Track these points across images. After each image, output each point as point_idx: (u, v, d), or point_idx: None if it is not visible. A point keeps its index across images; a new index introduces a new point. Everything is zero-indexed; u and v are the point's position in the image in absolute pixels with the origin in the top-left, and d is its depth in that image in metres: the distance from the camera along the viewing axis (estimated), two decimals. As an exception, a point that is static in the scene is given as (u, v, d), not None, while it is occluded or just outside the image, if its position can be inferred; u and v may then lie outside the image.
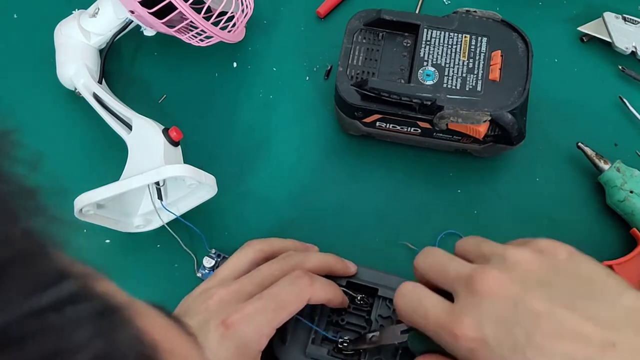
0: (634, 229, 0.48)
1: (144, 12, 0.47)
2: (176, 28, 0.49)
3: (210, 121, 0.55)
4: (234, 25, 0.52)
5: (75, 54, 0.52)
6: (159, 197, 0.48)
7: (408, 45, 0.50)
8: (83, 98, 0.52)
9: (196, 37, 0.51)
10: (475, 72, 0.47)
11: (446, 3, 0.59)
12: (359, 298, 0.45)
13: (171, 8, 0.46)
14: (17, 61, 0.58)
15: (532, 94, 0.48)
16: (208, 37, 0.51)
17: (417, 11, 0.59)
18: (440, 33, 0.49)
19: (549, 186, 0.52)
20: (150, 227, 0.50)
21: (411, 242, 0.50)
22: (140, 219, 0.49)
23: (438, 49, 0.48)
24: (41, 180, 0.52)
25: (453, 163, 0.53)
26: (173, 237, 0.49)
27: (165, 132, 0.47)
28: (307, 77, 0.57)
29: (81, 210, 0.44)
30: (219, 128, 0.55)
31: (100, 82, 0.53)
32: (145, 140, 0.47)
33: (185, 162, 0.48)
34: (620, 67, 0.55)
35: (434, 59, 0.48)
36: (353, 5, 0.59)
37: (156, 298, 0.44)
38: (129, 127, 0.49)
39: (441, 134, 0.49)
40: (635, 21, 0.56)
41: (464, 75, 0.47)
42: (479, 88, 0.47)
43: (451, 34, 0.49)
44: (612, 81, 0.55)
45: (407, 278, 0.45)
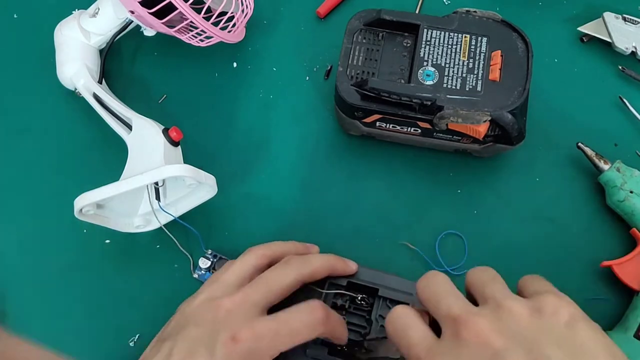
0: (634, 229, 0.48)
1: (144, 12, 0.47)
2: (176, 28, 0.49)
3: (210, 121, 0.55)
4: (234, 25, 0.52)
5: (75, 54, 0.52)
6: (157, 198, 0.48)
7: (408, 45, 0.50)
8: (83, 98, 0.52)
9: (196, 37, 0.51)
10: (475, 72, 0.47)
11: (446, 3, 0.59)
12: (360, 298, 0.45)
13: (171, 8, 0.46)
14: (17, 61, 0.58)
15: (532, 94, 0.48)
16: (208, 37, 0.51)
17: (417, 11, 0.59)
18: (440, 33, 0.49)
19: (549, 186, 0.52)
20: (150, 227, 0.50)
21: (411, 242, 0.50)
22: (140, 219, 0.49)
23: (438, 49, 0.48)
24: (41, 180, 0.52)
25: (453, 163, 0.53)
26: (177, 238, 0.49)
27: (165, 132, 0.47)
28: (307, 77, 0.57)
29: (81, 210, 0.44)
30: (219, 128, 0.55)
31: (100, 82, 0.53)
32: (145, 140, 0.47)
33: (185, 162, 0.48)
34: (620, 67, 0.55)
35: (434, 59, 0.48)
36: (353, 5, 0.59)
37: (156, 298, 0.44)
38: (129, 127, 0.49)
39: (441, 134, 0.49)
40: (635, 21, 0.56)
41: (464, 75, 0.47)
42: (479, 88, 0.47)
43: (451, 34, 0.49)
44: (612, 81, 0.56)
45: (408, 278, 0.45)
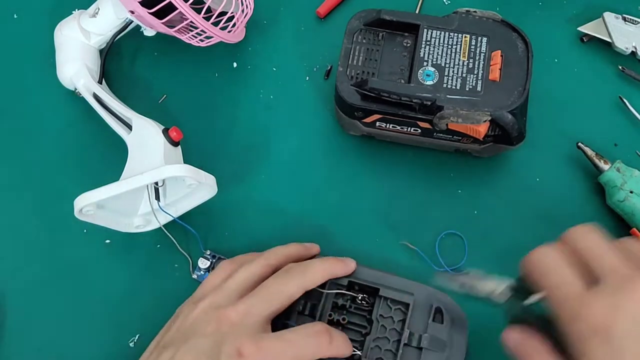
0: (634, 229, 0.48)
1: (144, 12, 0.47)
2: (176, 28, 0.49)
3: (210, 121, 0.55)
4: (234, 25, 0.52)
5: (75, 54, 0.52)
6: (157, 198, 0.48)
7: (408, 45, 0.50)
8: (83, 98, 0.52)
9: (196, 37, 0.51)
10: (475, 72, 0.47)
11: (446, 3, 0.59)
12: (360, 298, 0.45)
13: (171, 8, 0.46)
14: (17, 61, 0.58)
15: (532, 94, 0.48)
16: (208, 37, 0.51)
17: (417, 11, 0.59)
18: (440, 33, 0.49)
19: (549, 186, 0.52)
20: (150, 227, 0.50)
21: (411, 242, 0.50)
22: (140, 219, 0.49)
23: (438, 49, 0.48)
24: (41, 180, 0.52)
25: (453, 163, 0.53)
26: (176, 238, 0.49)
27: (165, 132, 0.47)
28: (307, 77, 0.57)
29: (81, 210, 0.44)
30: (219, 128, 0.55)
31: (100, 82, 0.53)
32: (145, 140, 0.47)
33: (185, 162, 0.48)
34: (620, 67, 0.55)
35: (434, 59, 0.48)
36: (353, 5, 0.59)
37: (156, 298, 0.44)
38: (129, 127, 0.49)
39: (441, 134, 0.49)
40: (635, 21, 0.56)
41: (464, 75, 0.47)
42: (479, 88, 0.47)
43: (451, 34, 0.49)
44: (612, 81, 0.55)
45: (408, 278, 0.45)
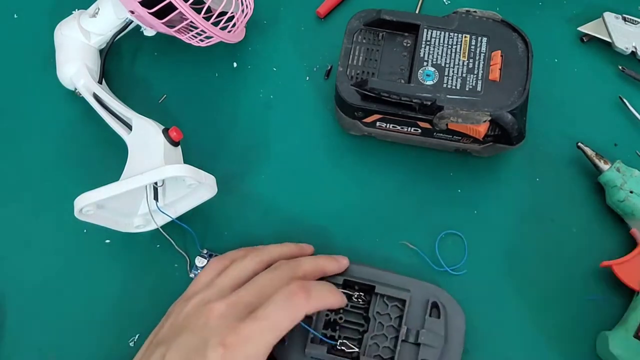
0: (634, 229, 0.48)
1: (144, 12, 0.47)
2: (176, 28, 0.49)
3: (210, 121, 0.55)
4: (234, 25, 0.52)
5: (75, 54, 0.52)
6: (155, 198, 0.48)
7: (408, 45, 0.50)
8: (83, 98, 0.52)
9: (196, 37, 0.51)
10: (475, 72, 0.47)
11: (446, 3, 0.59)
12: (356, 296, 0.45)
13: (171, 8, 0.46)
14: (17, 61, 0.58)
15: (532, 94, 0.48)
16: (208, 37, 0.51)
17: (417, 11, 0.59)
18: (440, 33, 0.49)
19: (549, 186, 0.52)
20: (150, 227, 0.50)
21: (411, 242, 0.50)
22: (140, 219, 0.49)
23: (438, 49, 0.48)
24: (41, 180, 0.52)
25: (453, 163, 0.53)
26: (175, 238, 0.49)
27: (165, 132, 0.47)
28: (307, 77, 0.57)
29: (81, 210, 0.44)
30: (219, 128, 0.55)
31: (100, 82, 0.53)
32: (145, 140, 0.47)
33: (185, 162, 0.48)
34: (620, 67, 0.55)
35: (434, 59, 0.48)
36: (353, 5, 0.59)
37: (155, 298, 0.44)
38: (129, 127, 0.49)
39: (441, 134, 0.49)
40: (635, 21, 0.56)
41: (464, 75, 0.47)
42: (479, 88, 0.47)
43: (451, 34, 0.49)
44: (612, 81, 0.55)
45: (406, 275, 0.45)
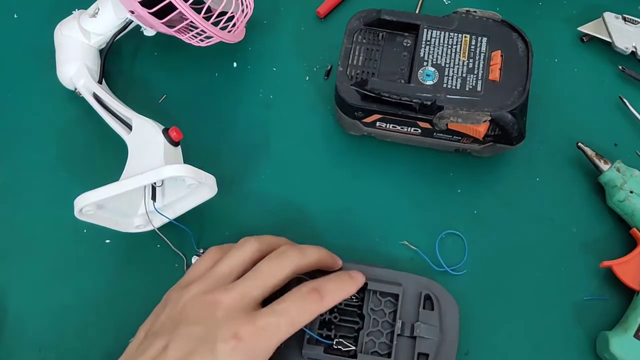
0: (634, 229, 0.48)
1: (144, 12, 0.47)
2: (176, 28, 0.49)
3: (210, 121, 0.55)
4: (234, 25, 0.52)
5: (75, 54, 0.52)
6: (153, 198, 0.48)
7: (408, 45, 0.50)
8: (83, 98, 0.52)
9: (196, 37, 0.51)
10: (475, 72, 0.47)
11: (446, 3, 0.59)
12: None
13: (171, 8, 0.46)
14: (17, 61, 0.58)
15: (532, 94, 0.48)
16: (208, 37, 0.51)
17: (417, 11, 0.59)
18: (440, 33, 0.49)
19: (549, 186, 0.52)
20: (150, 227, 0.50)
21: (411, 242, 0.50)
22: (140, 219, 0.49)
23: (438, 49, 0.48)
24: (41, 180, 0.52)
25: (453, 163, 0.53)
26: (174, 238, 0.49)
27: (165, 132, 0.47)
28: (307, 77, 0.57)
29: (81, 210, 0.44)
30: (219, 128, 0.55)
31: (100, 82, 0.53)
32: (145, 140, 0.47)
33: (185, 162, 0.48)
34: (620, 67, 0.55)
35: (434, 59, 0.48)
36: (353, 5, 0.59)
37: (155, 298, 0.44)
38: (129, 127, 0.49)
39: (441, 134, 0.49)
40: (635, 21, 0.56)
41: (464, 75, 0.47)
42: (479, 88, 0.47)
43: (451, 34, 0.49)
44: (612, 81, 0.55)
45: (401, 271, 0.45)
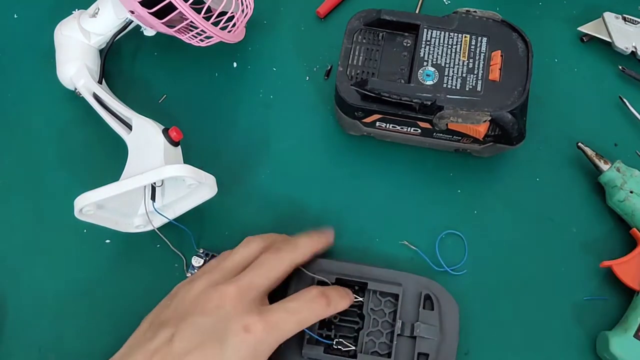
0: (634, 229, 0.48)
1: (144, 12, 0.47)
2: (176, 28, 0.49)
3: (210, 121, 0.55)
4: (234, 25, 0.52)
5: (75, 54, 0.52)
6: (152, 198, 0.48)
7: (408, 45, 0.50)
8: (83, 98, 0.52)
9: (196, 37, 0.51)
10: (475, 72, 0.47)
11: (446, 3, 0.59)
12: None
13: (171, 8, 0.46)
14: (17, 61, 0.58)
15: (532, 94, 0.48)
16: (208, 37, 0.51)
17: (417, 11, 0.59)
18: (440, 33, 0.49)
19: (549, 186, 0.52)
20: (150, 227, 0.50)
21: (411, 242, 0.50)
22: (140, 219, 0.49)
23: (438, 49, 0.48)
24: (41, 180, 0.52)
25: (453, 163, 0.53)
26: (174, 238, 0.49)
27: (165, 132, 0.47)
28: (307, 77, 0.57)
29: (81, 210, 0.44)
30: (219, 128, 0.55)
31: (100, 82, 0.53)
32: (145, 140, 0.47)
33: (185, 162, 0.48)
34: (620, 67, 0.55)
35: (434, 59, 0.48)
36: (353, 5, 0.59)
37: (155, 298, 0.44)
38: (129, 127, 0.49)
39: (441, 134, 0.49)
40: (635, 21, 0.56)
41: (464, 75, 0.47)
42: (479, 88, 0.47)
43: (451, 34, 0.49)
44: (612, 81, 0.55)
45: (401, 271, 0.45)
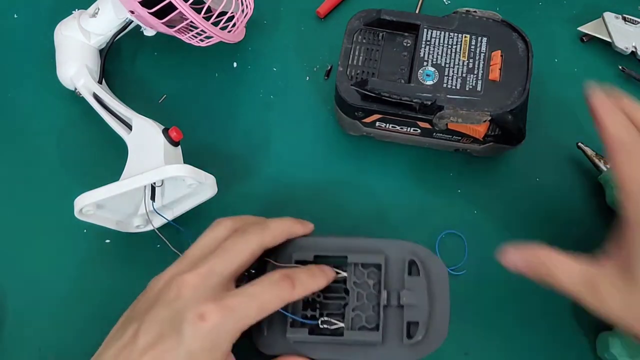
0: (634, 229, 0.48)
1: (144, 12, 0.47)
2: (176, 28, 0.49)
3: (210, 121, 0.55)
4: (234, 25, 0.52)
5: (75, 54, 0.52)
6: (152, 198, 0.48)
7: (408, 45, 0.50)
8: (83, 98, 0.52)
9: (196, 37, 0.51)
10: (475, 72, 0.47)
11: (446, 3, 0.59)
12: None
13: (171, 8, 0.46)
14: (17, 61, 0.58)
15: (532, 94, 0.48)
16: (208, 37, 0.51)
17: (417, 11, 0.59)
18: (440, 33, 0.49)
19: (549, 186, 0.52)
20: (150, 227, 0.50)
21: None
22: (140, 219, 0.49)
23: (438, 49, 0.48)
24: (41, 180, 0.52)
25: (453, 163, 0.53)
26: (173, 238, 0.49)
27: (165, 132, 0.47)
28: (307, 77, 0.57)
29: (81, 210, 0.44)
30: (219, 128, 0.55)
31: (100, 82, 0.53)
32: (145, 140, 0.47)
33: (185, 162, 0.48)
34: (620, 67, 0.55)
35: (434, 59, 0.48)
36: (353, 5, 0.59)
37: (156, 298, 0.44)
38: (129, 127, 0.49)
39: (441, 134, 0.49)
40: (635, 21, 0.56)
41: (464, 75, 0.47)
42: (479, 88, 0.47)
43: (451, 34, 0.49)
44: (612, 81, 0.55)
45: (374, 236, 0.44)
